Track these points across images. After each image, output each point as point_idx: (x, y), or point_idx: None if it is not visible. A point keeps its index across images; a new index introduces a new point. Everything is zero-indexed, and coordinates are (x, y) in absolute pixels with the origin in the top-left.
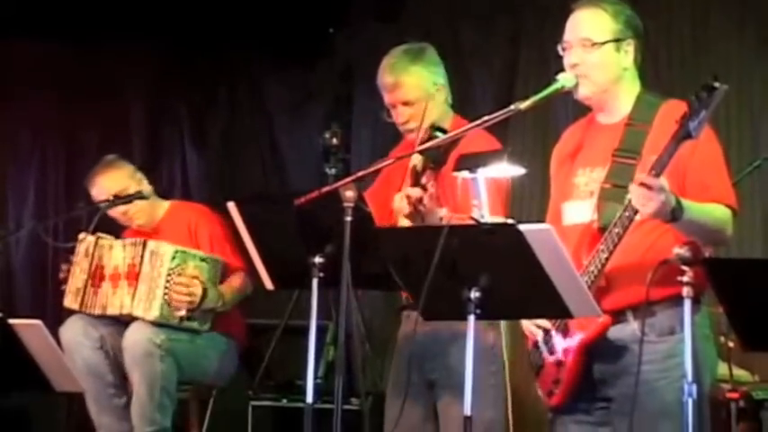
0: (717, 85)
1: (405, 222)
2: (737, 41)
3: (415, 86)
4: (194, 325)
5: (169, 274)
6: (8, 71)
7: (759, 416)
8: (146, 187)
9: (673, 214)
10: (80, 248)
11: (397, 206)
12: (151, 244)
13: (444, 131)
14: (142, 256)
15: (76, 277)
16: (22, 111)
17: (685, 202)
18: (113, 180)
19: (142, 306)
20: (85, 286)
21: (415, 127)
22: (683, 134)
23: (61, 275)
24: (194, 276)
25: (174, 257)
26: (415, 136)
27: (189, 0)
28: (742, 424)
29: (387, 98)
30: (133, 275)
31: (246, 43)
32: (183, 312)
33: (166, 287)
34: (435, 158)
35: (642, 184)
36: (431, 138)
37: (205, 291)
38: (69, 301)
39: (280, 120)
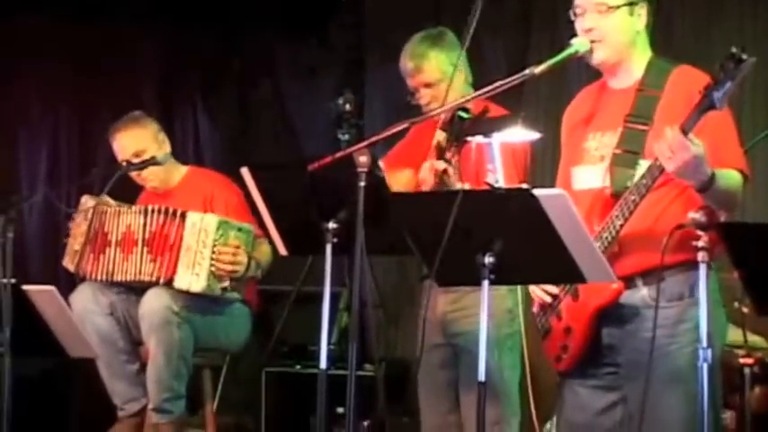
0: (744, 56)
1: None
2: (751, 9)
3: (435, 69)
4: (234, 295)
5: (214, 245)
6: (21, 43)
7: None
8: (166, 149)
9: (704, 184)
10: (80, 212)
11: (423, 176)
12: (193, 216)
13: (467, 111)
14: (178, 226)
15: (75, 239)
16: (35, 80)
17: (718, 174)
18: (135, 138)
19: (188, 278)
20: (82, 250)
21: (438, 107)
22: (707, 104)
23: (67, 228)
24: (237, 246)
25: (218, 228)
26: (437, 118)
27: None
28: (756, 389)
29: (409, 82)
30: (163, 243)
31: (258, 12)
32: (227, 283)
33: (212, 258)
34: (458, 135)
35: (669, 140)
36: (454, 118)
37: (250, 260)
38: (67, 262)
39: (292, 87)
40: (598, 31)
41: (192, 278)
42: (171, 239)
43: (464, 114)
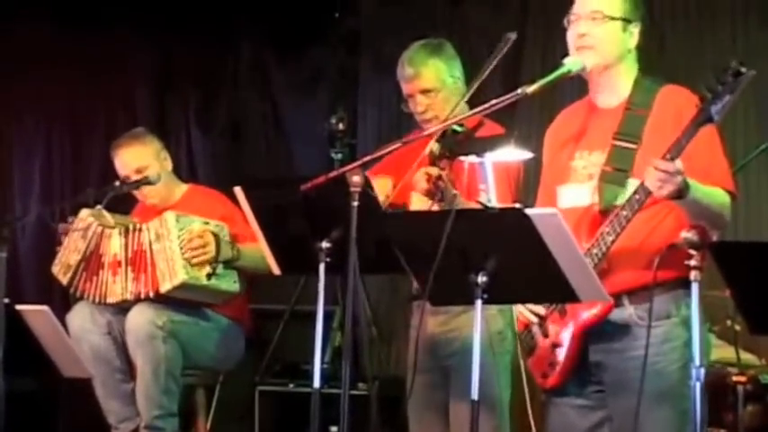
0: (743, 70)
1: (420, 199)
2: (742, 22)
3: (434, 77)
4: (221, 284)
5: (179, 235)
6: (12, 53)
7: (766, 399)
8: (167, 167)
9: (679, 193)
10: (79, 225)
11: (416, 178)
12: (153, 224)
13: (461, 125)
14: (149, 241)
15: (70, 252)
16: (27, 94)
17: (691, 182)
18: (136, 155)
19: (167, 277)
20: (78, 267)
21: (432, 116)
22: (704, 118)
23: (60, 230)
24: (202, 231)
25: (177, 220)
26: (432, 126)
27: None
28: (749, 407)
29: (406, 88)
30: (141, 260)
31: (252, 26)
32: (207, 269)
33: (181, 247)
34: (451, 148)
35: (660, 170)
36: (446, 131)
37: (216, 237)
38: (57, 271)
39: (285, 102)
40: (590, 37)
41: (170, 275)
42: (146, 253)
43: (458, 128)
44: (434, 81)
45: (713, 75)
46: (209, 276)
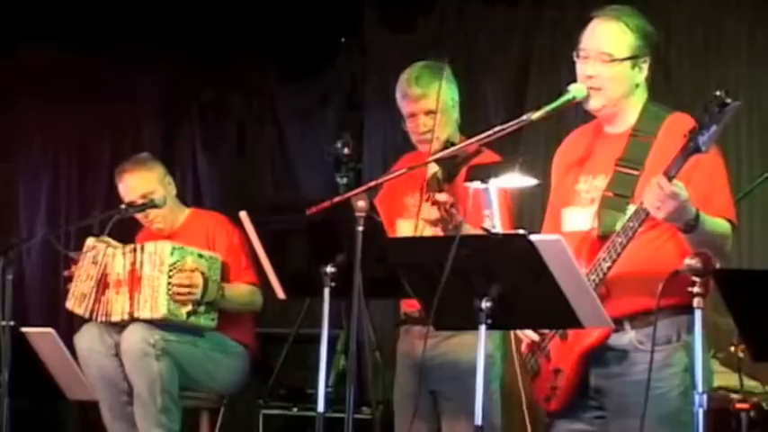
0: (728, 101)
1: (431, 231)
2: (748, 49)
3: (439, 99)
4: (201, 321)
5: (170, 270)
6: (20, 78)
7: None
8: (171, 192)
9: (688, 225)
10: (88, 255)
11: (426, 215)
12: (149, 246)
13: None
14: (141, 260)
15: (83, 283)
16: (35, 118)
17: (702, 216)
18: (142, 180)
19: (149, 306)
20: (92, 293)
21: (430, 139)
22: (692, 148)
23: (66, 274)
24: (194, 269)
25: (172, 253)
26: (430, 147)
27: (201, 9)
28: None
29: (409, 107)
30: (135, 280)
31: (259, 51)
32: (189, 307)
33: (169, 283)
34: (449, 171)
35: (659, 186)
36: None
37: (206, 280)
38: (72, 305)
39: (291, 127)
40: (598, 79)
41: (152, 305)
42: (138, 273)
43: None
44: (439, 103)
45: (702, 105)
46: (188, 315)
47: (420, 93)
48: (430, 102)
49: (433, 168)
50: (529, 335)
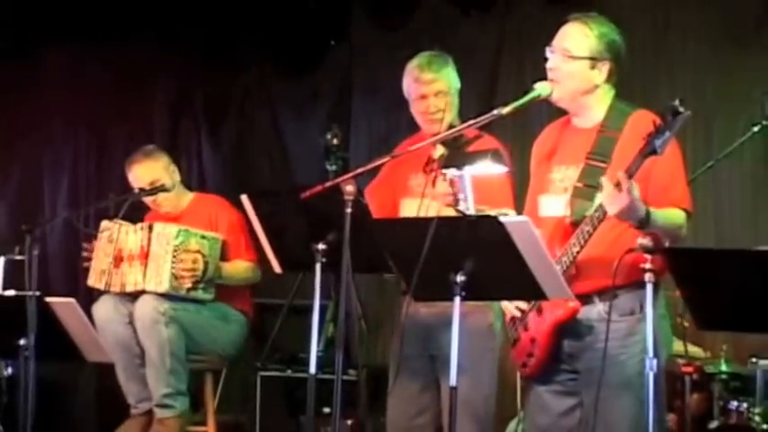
0: (681, 110)
1: (436, 207)
2: (694, 42)
3: (449, 82)
4: (199, 294)
5: (175, 251)
6: (46, 74)
7: (710, 387)
8: (176, 179)
9: (641, 222)
10: (103, 235)
11: (442, 189)
12: (157, 226)
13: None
14: (150, 238)
15: (101, 260)
16: (57, 109)
17: (653, 213)
18: (149, 170)
19: (154, 281)
20: (110, 268)
21: (441, 118)
22: (649, 150)
23: (84, 254)
24: (197, 251)
25: (177, 236)
26: (440, 127)
27: (207, 13)
28: (695, 394)
29: (420, 90)
30: (143, 255)
31: (258, 51)
32: (189, 284)
33: (173, 262)
34: (456, 149)
35: (617, 184)
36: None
37: (206, 264)
38: (93, 281)
39: (286, 119)
40: (557, 72)
41: (156, 281)
42: (146, 250)
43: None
44: (449, 86)
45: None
46: (188, 290)
47: (432, 77)
48: (440, 84)
49: (441, 150)
50: (512, 311)
